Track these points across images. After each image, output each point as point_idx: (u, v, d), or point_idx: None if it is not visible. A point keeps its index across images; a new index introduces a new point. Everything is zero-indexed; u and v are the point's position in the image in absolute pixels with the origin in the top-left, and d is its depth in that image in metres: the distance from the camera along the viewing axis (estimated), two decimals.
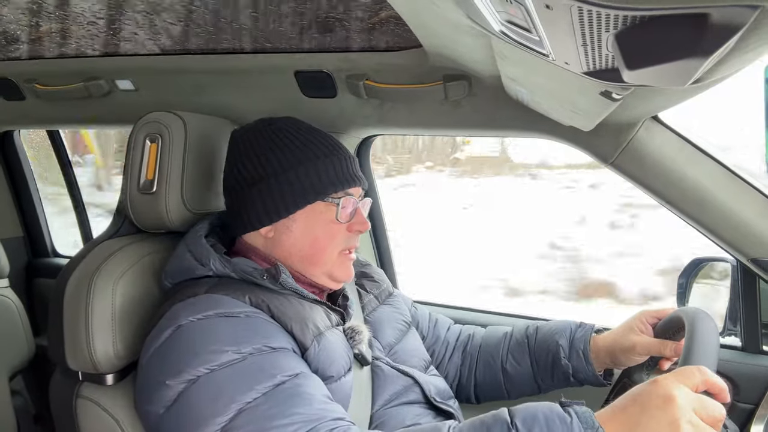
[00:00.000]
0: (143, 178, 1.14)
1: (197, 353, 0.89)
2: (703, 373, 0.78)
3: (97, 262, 1.08)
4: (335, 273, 1.11)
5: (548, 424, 0.77)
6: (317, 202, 1.08)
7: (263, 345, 0.92)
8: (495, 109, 1.39)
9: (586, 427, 0.76)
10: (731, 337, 1.40)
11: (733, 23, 0.40)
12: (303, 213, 1.08)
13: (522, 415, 0.79)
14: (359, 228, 1.12)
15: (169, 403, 0.88)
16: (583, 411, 0.78)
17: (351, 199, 1.10)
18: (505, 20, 0.56)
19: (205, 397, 0.86)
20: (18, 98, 1.89)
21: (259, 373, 0.88)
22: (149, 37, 1.45)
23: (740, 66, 0.56)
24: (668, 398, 0.74)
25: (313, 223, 1.08)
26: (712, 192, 1.23)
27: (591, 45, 0.50)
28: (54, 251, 2.53)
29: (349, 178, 1.11)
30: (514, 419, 0.79)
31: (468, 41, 1.01)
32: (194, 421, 0.85)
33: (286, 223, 1.08)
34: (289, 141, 1.09)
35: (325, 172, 1.08)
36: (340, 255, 1.11)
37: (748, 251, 1.24)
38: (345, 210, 1.09)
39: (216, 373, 0.87)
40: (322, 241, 1.09)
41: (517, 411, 0.81)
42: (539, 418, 0.78)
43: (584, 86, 0.75)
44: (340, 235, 1.10)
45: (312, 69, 1.45)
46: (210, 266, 1.04)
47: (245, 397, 0.85)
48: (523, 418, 0.79)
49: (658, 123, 1.24)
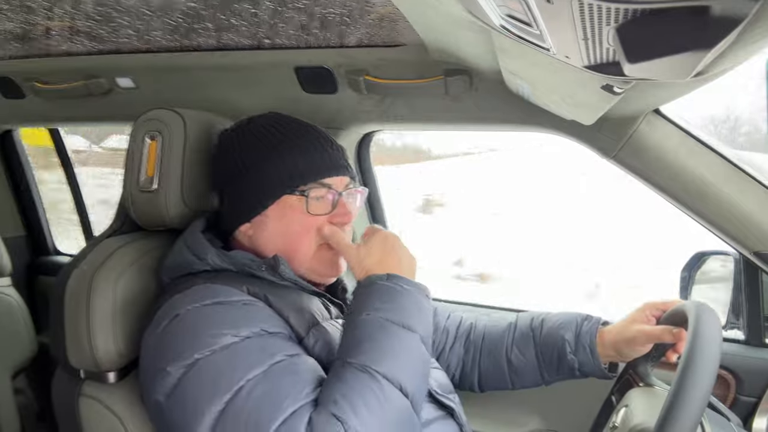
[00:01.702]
0: (143, 176, 1.13)
1: (196, 338, 0.89)
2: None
3: (98, 260, 1.08)
4: (317, 268, 1.09)
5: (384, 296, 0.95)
6: (286, 196, 1.05)
7: (261, 329, 0.92)
8: (496, 103, 1.39)
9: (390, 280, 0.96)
10: (734, 331, 1.40)
11: (734, 16, 0.40)
12: (275, 208, 1.06)
13: (367, 307, 0.94)
14: (340, 219, 1.08)
15: (170, 390, 0.88)
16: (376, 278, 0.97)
17: (327, 190, 1.07)
18: (505, 14, 0.56)
19: (206, 378, 0.86)
20: (18, 96, 1.89)
21: (258, 352, 0.88)
22: (149, 35, 1.45)
23: (742, 59, 0.56)
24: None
25: (285, 218, 1.06)
26: (714, 185, 1.23)
27: (592, 39, 0.50)
28: (55, 249, 2.53)
29: (323, 167, 1.07)
30: (369, 313, 0.93)
31: (468, 36, 1.00)
32: (197, 402, 0.85)
33: (261, 220, 1.08)
34: (263, 137, 1.09)
35: (294, 164, 1.06)
36: (322, 249, 1.08)
37: (751, 244, 1.24)
38: (319, 201, 1.06)
39: (215, 355, 0.88)
40: (297, 235, 1.06)
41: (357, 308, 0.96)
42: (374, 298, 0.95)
43: (585, 80, 0.75)
44: (317, 228, 1.07)
45: (312, 65, 1.45)
46: (207, 260, 1.04)
47: (246, 375, 0.85)
48: (373, 308, 0.94)
49: (660, 116, 1.24)
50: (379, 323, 0.91)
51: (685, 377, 0.79)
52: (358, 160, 1.80)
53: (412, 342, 0.92)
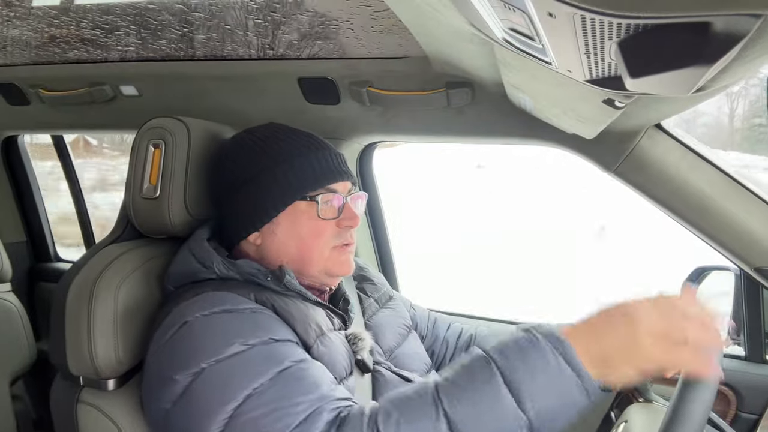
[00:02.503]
0: (146, 184, 1.14)
1: (204, 347, 0.89)
2: (685, 300, 0.77)
3: (99, 267, 1.08)
4: (331, 269, 1.10)
5: (519, 346, 0.79)
6: (296, 202, 1.06)
7: (269, 338, 0.92)
8: (497, 116, 1.39)
9: (553, 342, 0.78)
10: (734, 347, 1.40)
11: (736, 32, 0.40)
12: (285, 215, 1.07)
13: (493, 347, 0.81)
14: (348, 223, 1.09)
15: (176, 397, 0.88)
16: (546, 327, 0.80)
17: (334, 195, 1.08)
18: (508, 28, 0.56)
19: (213, 386, 0.86)
20: (22, 103, 1.90)
21: (266, 360, 0.88)
22: (154, 43, 1.46)
23: (743, 74, 0.56)
24: (631, 310, 0.76)
25: (296, 223, 1.07)
26: (715, 200, 1.23)
27: (594, 53, 0.50)
28: (56, 256, 2.53)
29: (329, 173, 1.09)
30: (489, 353, 0.81)
31: (471, 49, 1.01)
32: (204, 410, 0.85)
33: (270, 228, 1.08)
34: (265, 145, 1.10)
35: (302, 170, 1.07)
36: (334, 250, 1.09)
37: (752, 260, 1.24)
38: (328, 206, 1.08)
39: (223, 364, 0.87)
40: (309, 240, 1.07)
41: (487, 345, 0.83)
42: (509, 345, 0.80)
43: (587, 94, 0.75)
44: (328, 232, 1.08)
45: (315, 76, 1.46)
46: (213, 269, 1.04)
47: (253, 383, 0.85)
48: (496, 350, 0.80)
49: (661, 131, 1.24)
50: (493, 376, 0.79)
51: (684, 393, 0.78)
52: (360, 171, 1.81)
53: (508, 415, 0.78)
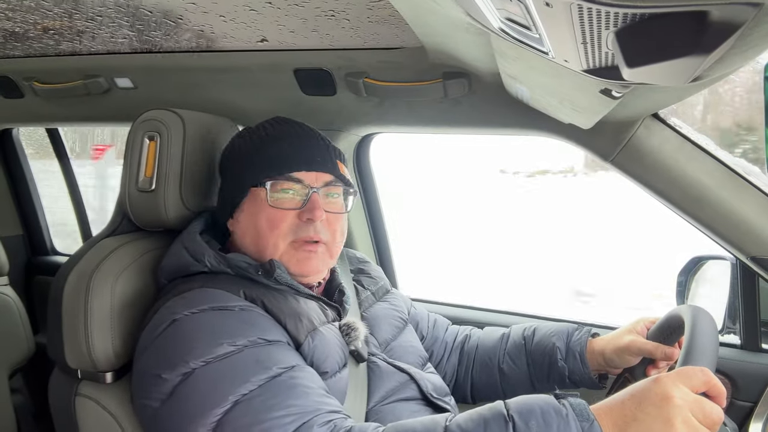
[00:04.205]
0: (142, 176, 1.13)
1: (193, 346, 0.89)
2: (705, 374, 0.78)
3: (95, 260, 1.08)
4: (287, 265, 1.06)
5: (544, 416, 0.77)
6: (257, 189, 1.06)
7: (258, 337, 0.92)
8: (494, 107, 1.39)
9: (582, 419, 0.75)
10: (730, 335, 1.41)
11: (733, 21, 0.40)
12: (246, 202, 1.08)
13: (518, 407, 0.79)
14: (308, 216, 1.04)
15: (165, 397, 0.88)
16: (578, 403, 0.78)
17: (295, 183, 1.05)
18: (504, 18, 0.56)
19: (201, 389, 0.86)
20: (17, 96, 1.89)
21: (255, 365, 0.88)
22: (148, 35, 1.45)
23: (740, 64, 0.56)
24: (666, 396, 0.74)
25: (253, 211, 1.07)
26: (711, 190, 1.23)
27: (591, 43, 0.50)
28: (53, 249, 2.53)
29: (294, 161, 1.06)
30: (510, 411, 0.79)
31: (468, 39, 1.00)
32: (191, 412, 0.85)
33: (237, 216, 1.10)
34: (249, 136, 1.13)
35: (262, 158, 1.07)
36: (292, 246, 1.06)
37: (748, 249, 1.24)
38: (287, 195, 1.05)
39: (211, 366, 0.87)
40: (263, 230, 1.05)
41: (513, 403, 0.80)
42: (535, 411, 0.78)
43: (584, 84, 0.75)
44: (285, 223, 1.05)
45: (311, 67, 1.45)
46: (205, 262, 1.04)
47: (241, 389, 0.85)
48: (519, 411, 0.78)
49: (658, 121, 1.24)
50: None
51: None
52: (357, 162, 1.81)
53: None
